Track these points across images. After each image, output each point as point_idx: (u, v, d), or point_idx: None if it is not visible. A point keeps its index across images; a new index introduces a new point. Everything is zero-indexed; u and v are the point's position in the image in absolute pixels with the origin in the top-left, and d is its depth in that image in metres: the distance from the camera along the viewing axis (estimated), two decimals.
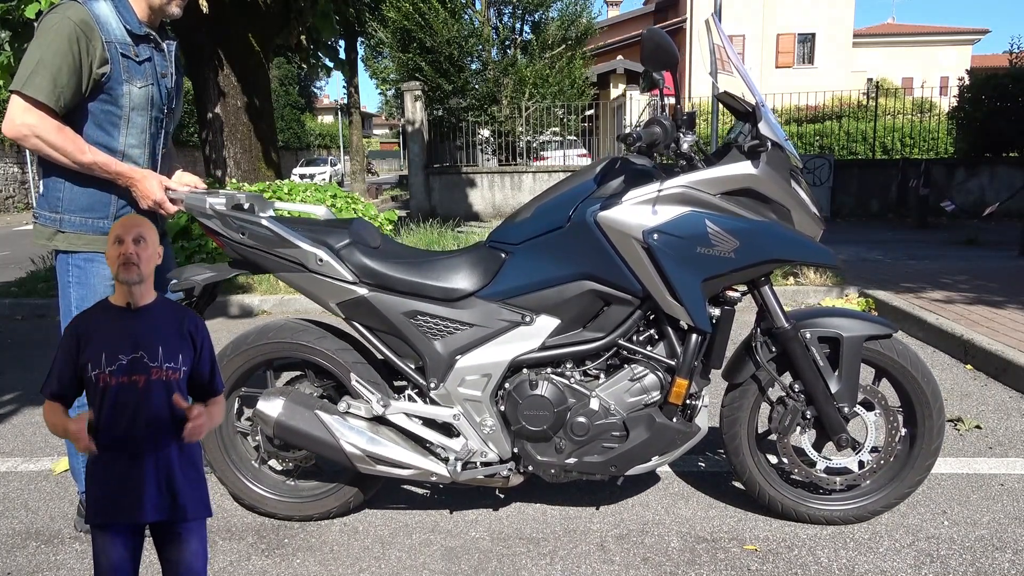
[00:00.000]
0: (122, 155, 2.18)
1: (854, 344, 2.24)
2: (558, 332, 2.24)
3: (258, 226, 2.22)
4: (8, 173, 18.79)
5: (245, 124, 8.24)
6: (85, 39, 2.03)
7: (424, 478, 2.30)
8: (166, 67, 2.27)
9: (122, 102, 2.14)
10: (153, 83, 2.20)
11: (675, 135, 2.13)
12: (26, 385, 4.08)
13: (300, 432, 2.26)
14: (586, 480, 2.35)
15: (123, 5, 2.13)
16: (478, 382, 2.25)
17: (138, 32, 2.14)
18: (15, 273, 7.51)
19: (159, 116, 2.26)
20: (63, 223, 2.17)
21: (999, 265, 6.95)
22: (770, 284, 2.29)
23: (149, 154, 2.26)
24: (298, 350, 2.34)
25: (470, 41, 14.78)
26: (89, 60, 2.05)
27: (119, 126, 2.16)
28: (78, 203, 2.17)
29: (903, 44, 33.79)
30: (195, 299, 2.28)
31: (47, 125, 2.04)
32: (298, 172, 27.59)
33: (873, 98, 16.29)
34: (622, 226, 2.11)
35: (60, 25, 2.02)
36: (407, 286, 2.25)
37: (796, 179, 2.20)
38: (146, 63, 2.18)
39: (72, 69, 2.03)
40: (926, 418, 2.30)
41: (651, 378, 2.23)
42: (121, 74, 2.11)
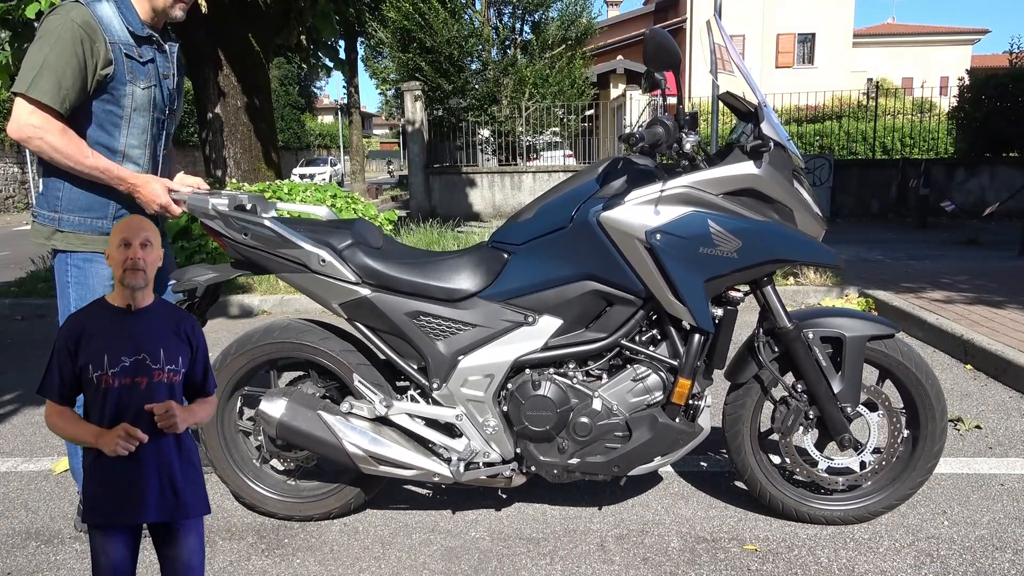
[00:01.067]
0: (123, 156, 2.18)
1: (857, 344, 2.24)
2: (561, 332, 2.23)
3: (260, 227, 2.22)
4: (8, 173, 18.80)
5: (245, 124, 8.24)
6: (89, 40, 2.03)
7: (427, 479, 2.30)
8: (168, 68, 2.27)
9: (124, 102, 2.14)
10: (156, 84, 2.20)
11: (677, 135, 2.12)
12: (26, 385, 4.08)
13: (303, 433, 2.26)
14: (587, 480, 2.35)
15: (126, 6, 2.13)
16: (481, 382, 2.24)
17: (140, 33, 2.14)
18: (15, 273, 7.51)
19: (160, 117, 2.26)
20: (62, 222, 2.17)
21: (999, 265, 6.95)
22: (772, 284, 2.29)
23: (150, 155, 2.26)
24: (301, 350, 2.34)
25: (470, 41, 14.77)
26: (93, 61, 2.05)
27: (120, 126, 2.16)
28: (77, 203, 2.16)
29: (903, 44, 33.79)
30: (197, 300, 2.28)
31: (52, 127, 2.04)
32: (298, 172, 27.55)
33: (873, 98, 16.28)
34: (625, 226, 2.11)
35: (63, 27, 2.01)
36: (410, 286, 2.25)
37: (798, 179, 2.20)
38: (149, 64, 2.18)
39: (77, 71, 2.02)
40: (929, 420, 2.29)
41: (654, 378, 2.23)
42: (124, 75, 2.11)
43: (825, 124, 16.50)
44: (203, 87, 8.07)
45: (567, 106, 14.50)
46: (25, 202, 19.10)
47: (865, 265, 7.10)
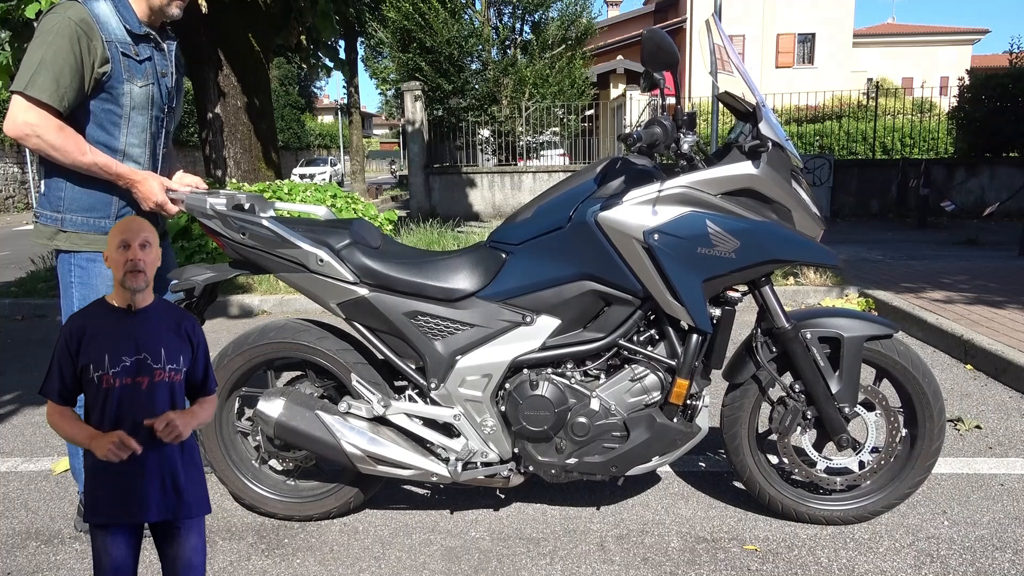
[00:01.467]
0: (123, 154, 2.18)
1: (855, 344, 2.24)
2: (559, 332, 2.23)
3: (259, 226, 2.22)
4: (8, 173, 18.79)
5: (245, 124, 8.24)
6: (86, 39, 2.04)
7: (425, 479, 2.30)
8: (166, 66, 2.27)
9: (123, 101, 2.14)
10: (154, 82, 2.21)
11: (675, 135, 2.12)
12: (26, 385, 4.08)
13: (300, 432, 2.26)
14: (586, 480, 2.35)
15: (123, 5, 2.13)
16: (479, 382, 2.25)
17: (138, 32, 2.15)
18: (15, 273, 7.51)
19: (160, 115, 2.26)
20: (65, 223, 2.17)
21: (999, 265, 6.95)
22: (771, 284, 2.29)
23: (150, 153, 2.26)
24: (299, 350, 2.34)
25: (470, 41, 14.77)
26: (91, 60, 2.06)
27: (120, 125, 2.16)
28: (80, 203, 2.17)
29: (903, 44, 33.77)
30: (195, 299, 2.28)
31: (49, 124, 2.04)
32: (298, 172, 27.52)
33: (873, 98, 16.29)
34: (622, 226, 2.11)
35: (61, 25, 2.02)
36: (408, 286, 2.25)
37: (797, 179, 2.20)
38: (146, 62, 2.18)
39: (74, 69, 2.03)
40: (927, 419, 2.30)
41: (652, 378, 2.23)
42: (122, 73, 2.12)
43: (825, 124, 16.49)
44: (203, 87, 8.06)
45: (567, 106, 14.50)
46: (25, 202, 19.08)
47: (865, 265, 7.10)
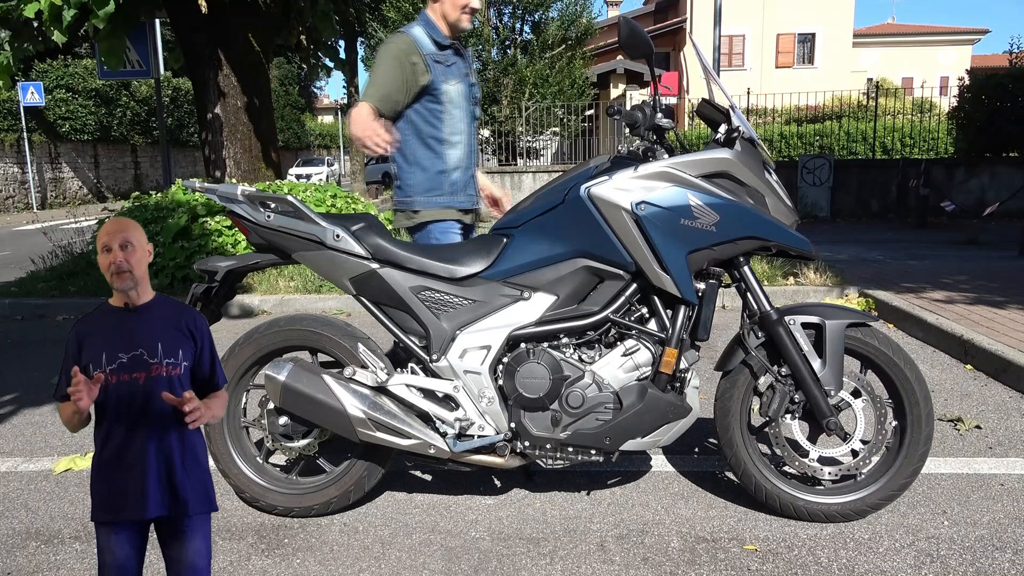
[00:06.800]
0: (447, 143, 2.76)
1: (836, 330, 2.34)
2: (555, 308, 2.37)
3: (283, 201, 2.38)
4: (8, 173, 18.74)
5: (245, 124, 8.23)
6: (406, 56, 2.67)
7: (423, 450, 2.35)
8: (468, 68, 2.88)
9: (443, 99, 2.73)
10: (461, 81, 2.79)
11: (654, 123, 2.38)
12: (26, 385, 4.08)
13: (306, 395, 2.33)
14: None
15: (432, 28, 2.75)
16: (478, 354, 2.36)
17: (444, 44, 2.76)
18: (15, 273, 7.51)
19: (471, 108, 2.85)
20: (414, 204, 2.79)
21: (999, 265, 6.95)
22: (749, 266, 2.41)
23: (467, 143, 2.82)
24: (306, 337, 2.46)
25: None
26: (413, 71, 2.67)
27: (442, 119, 2.75)
28: (422, 187, 2.78)
29: (903, 44, 33.77)
30: (216, 285, 2.39)
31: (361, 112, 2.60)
32: (294, 172, 27.05)
33: (873, 98, 16.27)
34: (612, 197, 2.28)
35: (387, 51, 2.69)
36: (416, 266, 2.39)
37: (769, 171, 2.38)
38: (453, 66, 2.78)
39: (399, 80, 2.66)
40: (913, 405, 2.36)
41: (643, 352, 2.35)
42: (439, 77, 2.71)
43: (825, 124, 16.48)
44: (203, 87, 8.05)
45: (567, 106, 14.51)
46: (25, 202, 19.00)
47: (865, 265, 7.10)
